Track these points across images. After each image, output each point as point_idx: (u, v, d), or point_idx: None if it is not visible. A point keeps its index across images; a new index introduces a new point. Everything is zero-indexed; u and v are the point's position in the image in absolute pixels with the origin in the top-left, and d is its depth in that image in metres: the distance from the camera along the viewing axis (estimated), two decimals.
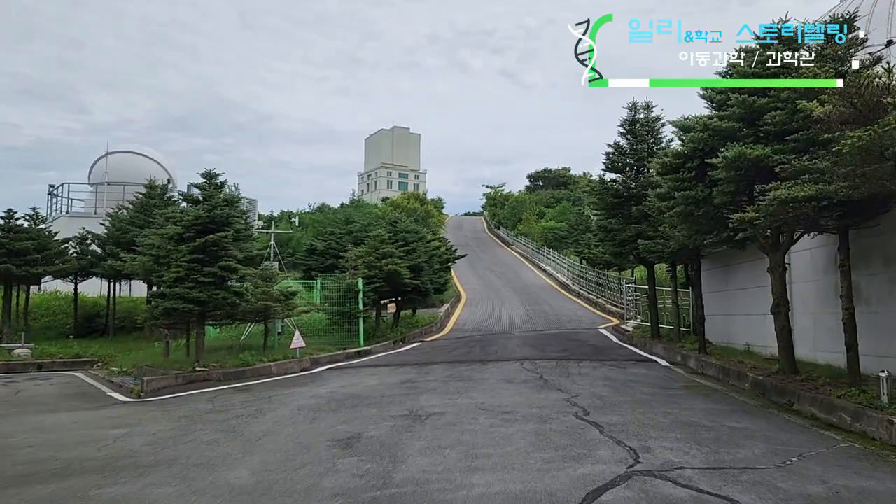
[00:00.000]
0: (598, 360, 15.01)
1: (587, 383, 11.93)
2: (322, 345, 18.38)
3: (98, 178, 32.62)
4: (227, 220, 14.34)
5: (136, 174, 31.14)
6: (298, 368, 15.66)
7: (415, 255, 21.61)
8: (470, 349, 17.74)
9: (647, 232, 17.28)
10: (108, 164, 32.45)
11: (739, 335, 15.93)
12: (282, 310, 16.43)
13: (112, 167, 32.04)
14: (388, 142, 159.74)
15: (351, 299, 18.61)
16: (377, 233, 21.10)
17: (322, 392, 12.02)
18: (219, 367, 14.75)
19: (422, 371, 14.25)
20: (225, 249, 14.18)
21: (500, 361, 15.21)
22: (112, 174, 31.58)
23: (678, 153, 11.45)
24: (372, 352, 18.19)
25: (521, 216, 67.31)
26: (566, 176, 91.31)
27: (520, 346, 18.12)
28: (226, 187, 29.82)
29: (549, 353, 16.47)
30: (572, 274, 39.58)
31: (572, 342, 18.75)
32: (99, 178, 32.37)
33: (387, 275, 19.56)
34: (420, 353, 17.55)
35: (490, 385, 11.99)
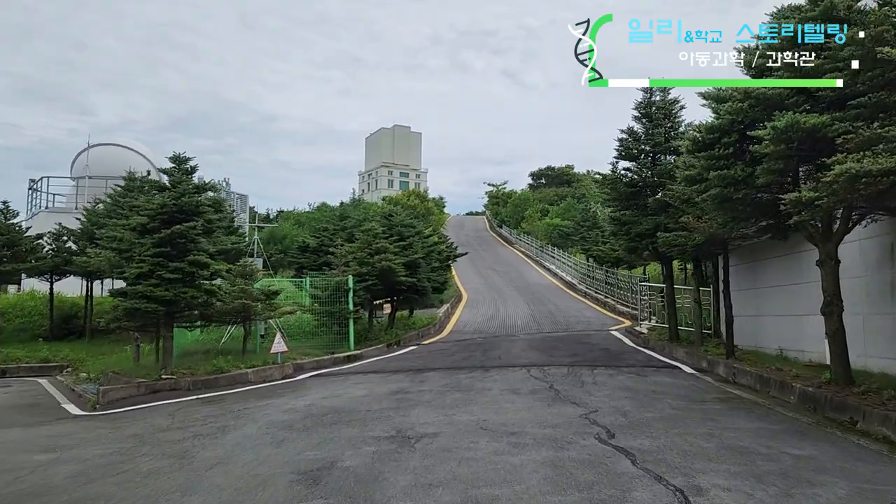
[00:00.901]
0: (613, 367, 13.40)
1: (605, 395, 10.33)
2: (309, 348, 16.79)
3: (80, 171, 31.05)
4: (197, 209, 12.75)
5: (119, 168, 29.51)
6: (280, 375, 14.07)
7: (411, 252, 20.00)
8: (471, 354, 16.14)
9: (667, 224, 15.68)
10: (90, 157, 30.87)
11: (770, 338, 14.32)
12: (263, 310, 14.84)
13: (94, 160, 30.47)
14: (388, 141, 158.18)
15: (340, 299, 17.01)
16: (370, 226, 19.51)
17: (300, 405, 10.43)
18: (189, 374, 13.17)
19: (416, 379, 12.65)
20: (194, 242, 12.60)
21: (505, 368, 13.62)
22: (94, 168, 30.02)
23: (712, 127, 9.83)
24: (363, 356, 16.59)
25: (524, 214, 65.70)
26: (569, 174, 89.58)
27: (525, 350, 16.51)
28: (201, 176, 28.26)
29: (558, 358, 14.86)
30: (578, 272, 37.95)
31: (583, 346, 17.13)
32: (80, 172, 30.80)
33: (380, 272, 17.95)
34: (415, 358, 15.96)
35: (493, 397, 10.39)
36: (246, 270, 15.00)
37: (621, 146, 17.51)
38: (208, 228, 13.31)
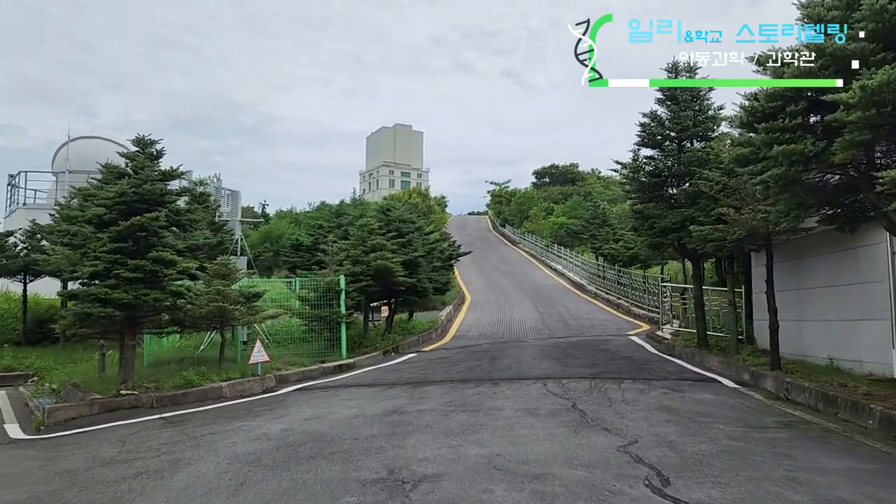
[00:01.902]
0: (643, 380, 11.68)
1: (641, 417, 8.62)
2: (296, 356, 15.08)
3: (60, 166, 29.34)
4: (161, 199, 11.03)
5: (102, 161, 27.81)
6: (260, 389, 12.37)
7: (410, 249, 18.27)
8: (476, 363, 14.40)
9: (697, 217, 13.97)
10: (71, 151, 29.14)
11: (817, 346, 12.60)
12: (242, 315, 13.12)
13: (76, 154, 28.73)
14: (390, 140, 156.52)
15: (332, 301, 15.29)
16: (365, 222, 17.81)
17: (274, 430, 8.71)
18: (154, 388, 11.47)
19: (414, 394, 10.93)
20: (158, 236, 10.88)
21: (517, 381, 11.89)
22: (75, 162, 28.29)
23: (773, 94, 8.08)
24: (356, 365, 14.86)
25: (528, 213, 63.95)
26: (574, 172, 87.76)
27: (538, 358, 14.78)
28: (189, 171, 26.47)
29: (576, 368, 13.14)
30: (587, 272, 36.21)
31: (602, 353, 15.40)
32: (61, 167, 29.09)
33: (376, 272, 16.23)
34: (415, 368, 14.23)
35: (506, 419, 8.67)
36: (224, 270, 13.28)
37: (643, 132, 15.78)
38: (176, 221, 11.59)
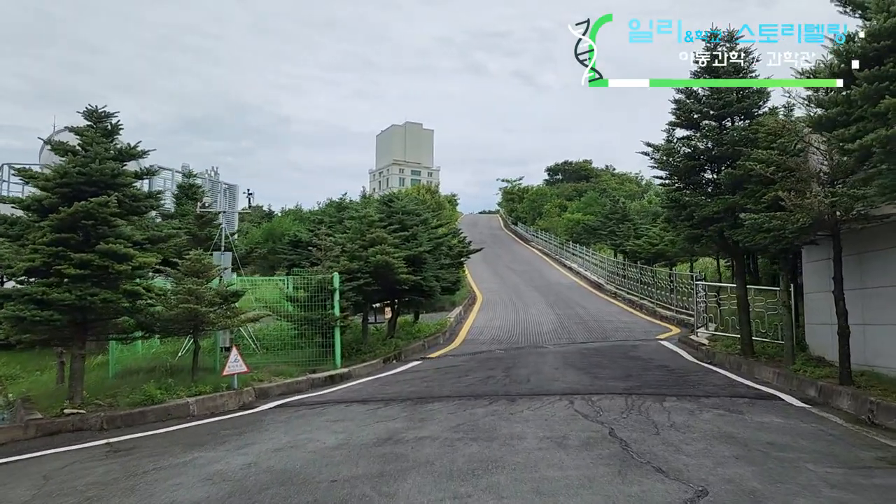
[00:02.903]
0: (689, 397, 9.79)
1: (700, 450, 6.75)
2: (284, 365, 13.27)
3: (47, 158, 27.75)
4: (114, 181, 9.24)
5: None
6: (235, 405, 10.58)
7: (415, 244, 16.43)
8: (489, 373, 12.53)
9: (745, 204, 12.07)
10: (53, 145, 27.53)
11: (888, 355, 10.67)
12: (218, 317, 11.33)
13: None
14: (400, 138, 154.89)
15: (325, 302, 13.46)
16: (364, 213, 16.00)
17: (234, 466, 6.89)
18: (107, 406, 9.70)
19: (415, 415, 9.09)
20: (109, 225, 9.09)
21: (537, 397, 10.03)
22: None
23: (881, 31, 6.16)
24: (351, 376, 13.02)
25: (541, 210, 61.93)
26: (588, 169, 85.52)
27: (560, 367, 12.89)
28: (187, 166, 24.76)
29: (606, 381, 11.27)
30: (605, 271, 34.23)
31: (633, 362, 13.49)
32: (47, 159, 27.50)
33: (375, 268, 14.40)
34: (418, 380, 12.38)
35: (527, 453, 6.83)
36: (197, 266, 11.49)
37: (679, 109, 13.89)
38: (134, 208, 9.80)
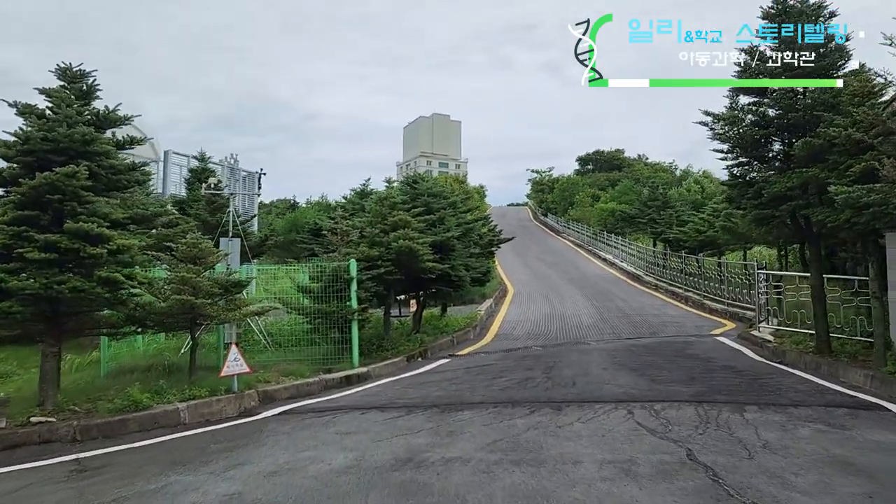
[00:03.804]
0: (773, 406, 8.12)
1: (816, 484, 5.16)
2: (296, 363, 11.83)
3: None
4: (85, 148, 7.82)
5: None
6: (234, 411, 9.16)
7: (442, 229, 14.89)
8: (528, 373, 10.94)
9: (826, 178, 10.31)
10: None
11: None
12: (218, 310, 9.91)
13: None
14: (427, 130, 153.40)
15: (341, 293, 11.98)
16: (386, 193, 14.50)
17: (213, 497, 5.46)
18: (84, 412, 8.33)
19: (442, 426, 7.56)
20: (80, 201, 7.69)
21: (587, 404, 8.43)
22: None
23: None
24: (370, 376, 11.52)
25: (572, 200, 59.88)
26: (620, 158, 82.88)
27: (609, 367, 11.24)
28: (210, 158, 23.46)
29: (666, 383, 9.62)
30: (644, 261, 32.31)
31: (693, 361, 11.80)
32: None
33: (398, 255, 12.87)
34: (446, 381, 10.83)
35: (587, 482, 5.29)
36: (194, 252, 10.08)
37: (744, 73, 12.11)
38: (112, 182, 8.38)
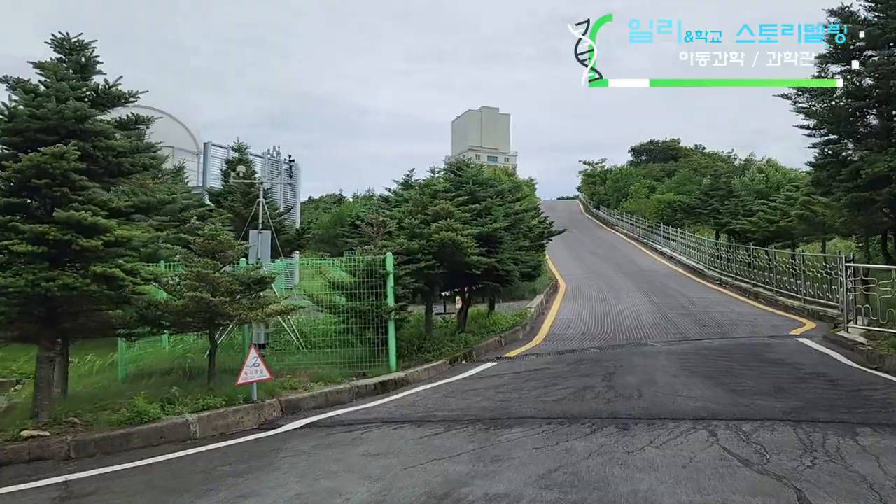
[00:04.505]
0: (891, 428, 6.64)
1: None
2: (330, 366, 10.81)
3: None
4: (79, 126, 6.88)
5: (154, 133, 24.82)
6: (253, 423, 8.15)
7: (489, 220, 13.66)
8: (585, 381, 9.64)
9: None
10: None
11: None
12: (239, 309, 8.92)
13: None
14: (476, 124, 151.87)
15: (377, 289, 10.89)
16: (427, 181, 13.35)
17: None
18: (83, 425, 7.42)
19: (486, 449, 6.36)
20: (72, 186, 6.75)
21: (659, 421, 7.11)
22: None
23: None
24: (408, 382, 10.40)
25: (626, 192, 57.74)
26: (676, 148, 79.89)
27: (679, 374, 9.85)
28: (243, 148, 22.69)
29: (750, 396, 8.21)
30: (705, 255, 30.41)
31: (776, 368, 10.30)
32: None
33: (440, 247, 11.71)
34: (492, 389, 9.60)
35: None
36: (212, 244, 9.11)
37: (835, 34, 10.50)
38: (113, 166, 7.41)
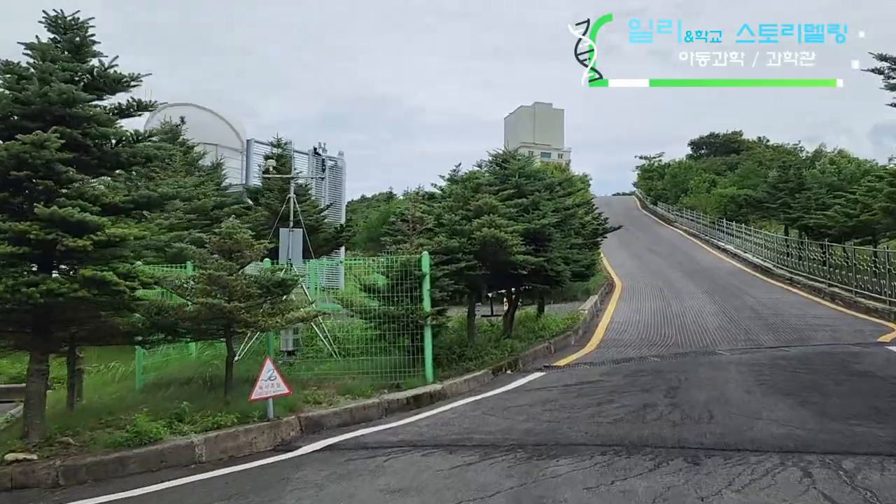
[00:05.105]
0: None
1: None
2: (361, 375, 9.91)
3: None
4: (66, 111, 6.11)
5: (198, 130, 24.59)
6: (268, 444, 7.29)
7: (536, 215, 12.53)
8: (645, 397, 8.45)
9: None
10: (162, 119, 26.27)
11: None
12: (256, 316, 8.08)
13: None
14: (528, 119, 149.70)
15: (413, 291, 9.93)
16: (469, 174, 12.32)
17: None
18: (76, 447, 6.67)
19: (527, 488, 5.33)
20: (58, 179, 5.99)
21: (736, 453, 5.92)
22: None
23: None
24: (445, 395, 9.39)
25: (686, 186, 55.40)
26: (738, 140, 76.64)
27: (754, 390, 8.56)
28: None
29: (843, 419, 6.91)
30: (773, 252, 28.46)
31: (868, 382, 8.92)
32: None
33: (482, 246, 10.67)
34: (538, 406, 8.50)
35: None
36: (229, 243, 8.30)
37: None
38: (108, 157, 6.62)
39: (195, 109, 27.62)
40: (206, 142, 24.95)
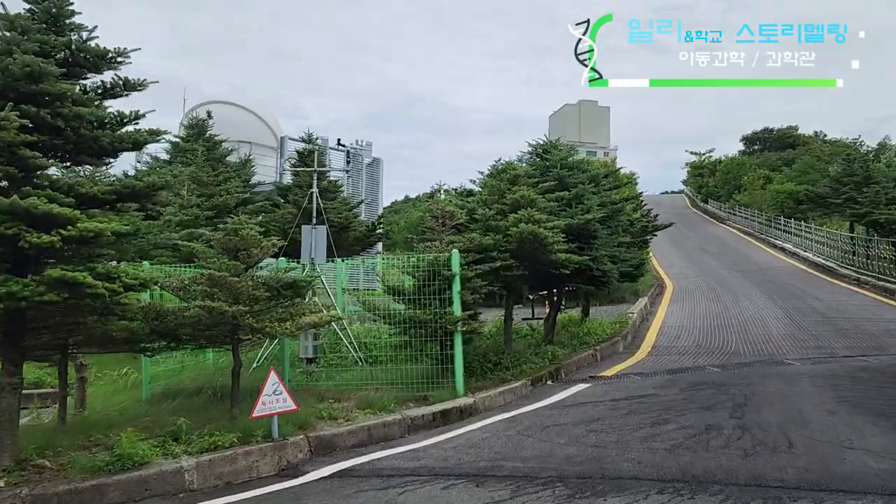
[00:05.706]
0: None
1: None
2: (387, 386, 9.00)
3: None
4: (33, 88, 5.33)
5: (231, 129, 24.16)
6: (271, 468, 6.41)
7: (580, 210, 11.42)
8: (707, 417, 7.30)
9: None
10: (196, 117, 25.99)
11: None
12: (263, 321, 7.22)
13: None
14: (574, 117, 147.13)
15: (440, 294, 8.96)
16: (505, 165, 11.28)
17: None
18: (52, 472, 5.90)
19: None
20: (25, 166, 5.21)
21: (828, 496, 4.77)
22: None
23: None
24: (476, 409, 8.38)
25: (739, 183, 53.01)
26: (793, 135, 73.37)
27: (836, 409, 7.34)
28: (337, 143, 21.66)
29: None
30: (837, 250, 26.61)
31: None
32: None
33: (519, 243, 9.63)
34: (581, 426, 7.43)
35: None
36: (234, 241, 7.47)
37: None
38: (87, 141, 5.82)
39: (231, 108, 27.24)
40: (242, 139, 24.50)
